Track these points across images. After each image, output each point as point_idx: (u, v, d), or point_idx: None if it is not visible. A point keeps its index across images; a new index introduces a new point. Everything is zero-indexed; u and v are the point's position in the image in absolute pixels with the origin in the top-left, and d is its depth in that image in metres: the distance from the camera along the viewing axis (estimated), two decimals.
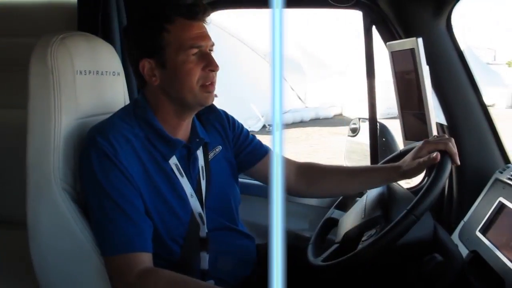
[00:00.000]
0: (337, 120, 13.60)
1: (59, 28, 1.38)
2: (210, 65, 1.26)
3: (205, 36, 1.27)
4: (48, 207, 1.25)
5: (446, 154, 1.25)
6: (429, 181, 1.18)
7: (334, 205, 1.56)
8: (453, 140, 1.29)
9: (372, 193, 1.43)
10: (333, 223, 1.49)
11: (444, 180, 1.19)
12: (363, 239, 1.22)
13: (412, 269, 1.20)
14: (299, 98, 14.21)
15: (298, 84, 14.33)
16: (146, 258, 1.19)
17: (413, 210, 1.12)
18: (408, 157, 1.35)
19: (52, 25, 1.74)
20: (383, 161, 1.55)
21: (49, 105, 1.25)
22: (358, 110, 13.75)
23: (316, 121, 13.24)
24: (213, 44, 1.29)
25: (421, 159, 1.29)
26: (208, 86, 1.27)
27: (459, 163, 1.26)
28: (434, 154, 1.25)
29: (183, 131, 1.35)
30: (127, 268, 1.16)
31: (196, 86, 1.26)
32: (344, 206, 1.54)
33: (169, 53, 1.25)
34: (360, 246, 1.18)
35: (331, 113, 14.20)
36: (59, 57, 1.26)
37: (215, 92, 1.30)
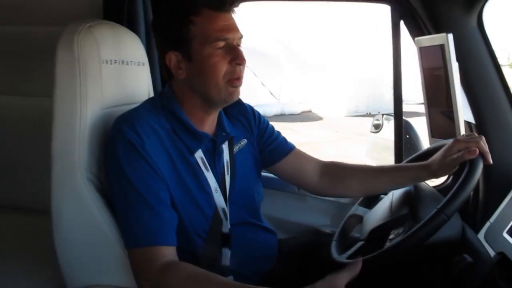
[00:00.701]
0: (302, 117, 13.54)
1: (83, 16, 1.37)
2: (237, 59, 1.22)
3: (233, 28, 1.24)
4: (72, 196, 1.24)
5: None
6: (460, 179, 1.15)
7: (358, 202, 1.54)
8: (484, 138, 1.26)
9: (398, 191, 1.40)
10: (357, 220, 1.47)
11: (476, 179, 1.16)
12: (390, 237, 1.20)
13: (440, 269, 1.17)
14: (271, 94, 14.19)
15: (274, 79, 14.32)
16: (169, 252, 1.17)
17: (443, 209, 1.09)
18: (438, 155, 1.31)
19: (76, 14, 1.73)
20: (408, 159, 1.52)
21: (75, 94, 1.24)
22: (329, 107, 13.81)
23: (279, 117, 13.14)
24: (241, 37, 1.26)
25: (453, 156, 1.26)
26: (234, 80, 1.24)
27: (491, 162, 1.23)
28: (473, 149, 1.22)
29: (209, 125, 1.33)
30: (149, 261, 1.15)
31: (222, 81, 1.23)
32: (368, 203, 1.51)
33: (195, 45, 1.22)
34: (388, 244, 1.16)
35: (298, 109, 14.13)
36: (86, 45, 1.25)
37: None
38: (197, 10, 1.22)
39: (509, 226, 1.39)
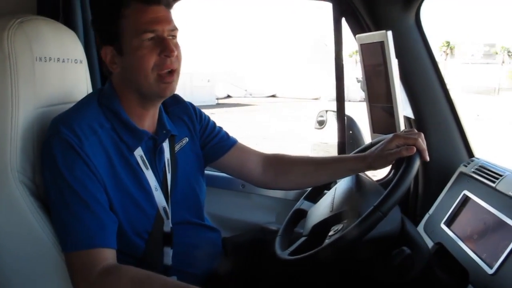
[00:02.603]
0: None
1: (15, 11, 1.30)
2: (165, 50, 1.20)
3: (162, 20, 1.21)
4: (4, 200, 1.18)
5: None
6: (397, 176, 1.16)
7: (304, 196, 1.55)
8: (422, 135, 1.28)
9: (341, 186, 1.42)
10: (301, 215, 1.47)
11: (412, 176, 1.17)
12: (330, 233, 1.21)
13: (380, 263, 1.19)
14: None
15: None
16: (109, 255, 1.14)
17: (380, 207, 1.10)
18: (376, 148, 1.33)
19: (7, 9, 1.64)
20: (352, 153, 1.54)
21: (5, 93, 1.18)
22: None
23: None
24: (173, 29, 1.23)
25: (390, 151, 1.28)
26: (165, 76, 1.22)
27: (428, 159, 1.25)
28: (410, 147, 1.23)
29: (149, 122, 1.31)
30: (88, 265, 1.11)
31: (152, 74, 1.21)
32: (313, 197, 1.52)
33: (126, 39, 1.21)
34: (326, 241, 1.17)
35: None
36: (17, 42, 1.20)
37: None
38: (127, 3, 1.20)
39: (446, 217, 1.45)
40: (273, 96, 25.78)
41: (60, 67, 1.36)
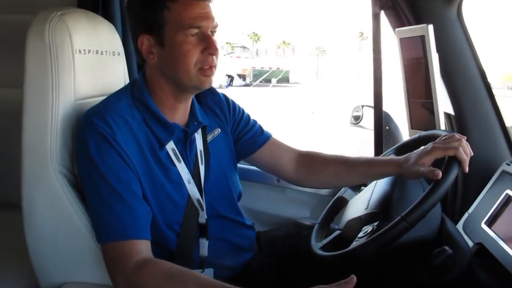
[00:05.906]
0: None
1: (57, 5, 1.32)
2: (209, 48, 1.20)
3: (207, 17, 1.21)
4: (44, 190, 1.21)
5: (455, 159, 1.15)
6: (430, 186, 1.11)
7: None
8: (464, 142, 1.19)
9: (381, 183, 1.38)
10: (342, 203, 1.45)
11: (447, 187, 1.10)
12: (359, 235, 1.18)
13: (420, 261, 1.16)
14: None
15: None
16: (143, 247, 1.15)
17: (406, 217, 1.06)
18: (413, 157, 1.25)
19: (50, 2, 1.67)
20: (387, 151, 1.51)
21: (46, 83, 1.20)
22: None
23: None
24: (216, 26, 1.23)
25: (423, 169, 1.19)
26: (206, 69, 1.22)
27: (467, 171, 1.16)
28: (436, 172, 1.12)
29: (180, 114, 1.31)
30: (123, 257, 1.12)
31: (193, 69, 1.21)
32: (357, 186, 1.50)
33: (168, 31, 1.20)
34: (354, 243, 1.15)
35: None
36: (58, 34, 1.22)
37: None
38: None
39: (487, 217, 1.40)
40: None
41: (98, 60, 1.37)
